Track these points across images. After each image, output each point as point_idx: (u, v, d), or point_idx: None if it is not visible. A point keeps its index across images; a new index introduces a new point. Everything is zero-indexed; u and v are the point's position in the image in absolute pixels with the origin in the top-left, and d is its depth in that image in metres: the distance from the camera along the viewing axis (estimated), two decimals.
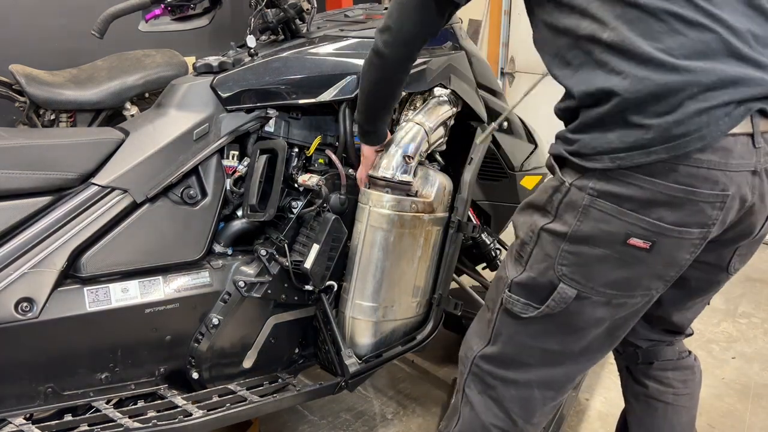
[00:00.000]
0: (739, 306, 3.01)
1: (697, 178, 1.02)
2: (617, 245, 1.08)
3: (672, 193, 1.03)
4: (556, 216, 1.13)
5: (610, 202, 1.06)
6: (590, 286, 1.13)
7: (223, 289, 1.67)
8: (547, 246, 1.15)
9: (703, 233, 1.07)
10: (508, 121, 2.11)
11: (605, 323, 1.18)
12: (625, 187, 1.05)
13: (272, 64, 1.73)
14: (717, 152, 1.02)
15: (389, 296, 1.72)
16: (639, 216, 1.05)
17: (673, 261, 1.10)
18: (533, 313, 1.18)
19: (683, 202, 1.03)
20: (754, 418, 2.18)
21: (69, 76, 2.22)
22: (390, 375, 2.40)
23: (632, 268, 1.10)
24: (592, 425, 2.12)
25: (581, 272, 1.12)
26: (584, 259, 1.11)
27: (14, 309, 1.42)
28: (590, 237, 1.09)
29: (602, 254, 1.09)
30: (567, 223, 1.11)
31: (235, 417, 1.60)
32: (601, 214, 1.07)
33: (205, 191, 1.68)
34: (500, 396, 1.29)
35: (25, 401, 1.48)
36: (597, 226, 1.08)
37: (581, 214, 1.09)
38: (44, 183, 1.49)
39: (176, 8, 1.91)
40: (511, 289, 1.21)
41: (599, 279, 1.12)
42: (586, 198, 1.08)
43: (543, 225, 1.15)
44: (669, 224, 1.05)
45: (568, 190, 1.10)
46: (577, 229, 1.10)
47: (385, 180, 1.65)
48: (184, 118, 1.66)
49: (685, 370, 1.50)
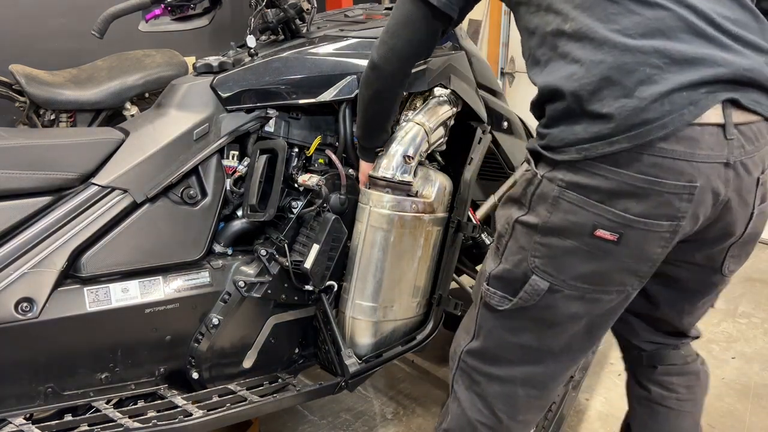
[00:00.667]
0: (739, 306, 3.01)
1: (662, 168, 1.01)
2: (585, 237, 1.08)
3: (636, 184, 1.02)
4: (530, 208, 1.14)
5: (577, 193, 1.06)
6: (561, 278, 1.13)
7: (223, 289, 1.67)
8: (521, 238, 1.16)
9: (673, 226, 1.06)
10: (508, 121, 2.11)
11: (582, 320, 1.18)
12: (591, 178, 1.05)
13: (272, 64, 1.73)
14: (682, 142, 1.00)
15: (389, 296, 1.72)
16: (605, 207, 1.05)
17: (643, 254, 1.09)
18: (508, 306, 1.19)
19: (648, 192, 1.02)
20: (754, 418, 2.18)
21: (69, 76, 2.22)
22: (390, 375, 2.40)
23: (601, 261, 1.09)
24: (592, 425, 2.12)
25: (552, 264, 1.13)
26: (555, 251, 1.11)
27: (14, 309, 1.42)
28: (560, 228, 1.10)
29: (571, 246, 1.10)
30: (539, 215, 1.12)
31: (235, 417, 1.60)
32: (569, 206, 1.08)
33: (205, 191, 1.68)
34: (485, 392, 1.29)
35: (25, 401, 1.48)
36: (566, 218, 1.08)
37: (551, 205, 1.10)
38: (44, 183, 1.49)
39: (176, 8, 1.91)
40: (489, 282, 1.22)
41: (570, 271, 1.12)
42: (556, 189, 1.09)
43: (517, 217, 1.16)
44: (635, 215, 1.04)
45: (540, 182, 1.11)
46: (548, 220, 1.10)
47: (386, 180, 1.65)
48: (184, 118, 1.66)
49: (690, 375, 1.48)
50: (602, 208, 1.05)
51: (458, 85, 1.84)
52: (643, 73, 1.00)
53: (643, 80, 1.00)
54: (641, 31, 1.02)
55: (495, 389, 1.28)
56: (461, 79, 1.87)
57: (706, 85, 1.01)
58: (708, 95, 1.01)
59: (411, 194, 1.68)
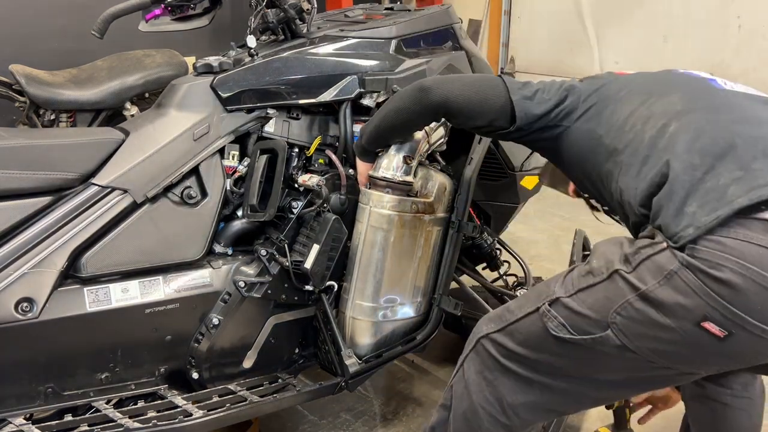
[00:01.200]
0: None
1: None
2: (688, 323, 1.03)
3: (764, 284, 0.97)
4: (635, 268, 1.09)
5: (697, 277, 1.01)
6: (637, 345, 1.09)
7: (223, 289, 1.67)
8: (614, 290, 1.11)
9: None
10: None
11: (628, 373, 1.17)
12: (713, 268, 1.00)
13: (272, 64, 1.73)
14: None
15: (389, 296, 1.72)
16: (723, 302, 0.99)
17: (743, 357, 1.06)
18: (564, 336, 1.17)
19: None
20: None
21: (69, 76, 2.22)
22: (390, 375, 2.40)
23: (692, 349, 1.06)
24: (592, 425, 2.12)
25: (635, 330, 1.09)
26: (646, 320, 1.07)
27: (14, 309, 1.42)
28: (663, 303, 1.04)
29: (667, 325, 1.05)
30: (644, 281, 1.07)
31: (235, 417, 1.60)
32: (683, 286, 1.02)
33: (205, 191, 1.68)
34: (497, 381, 1.29)
35: (25, 401, 1.48)
36: (674, 296, 1.03)
37: (664, 278, 1.04)
38: (44, 183, 1.49)
39: (176, 8, 1.91)
40: (553, 305, 1.20)
41: (650, 345, 1.09)
42: (676, 264, 1.03)
43: (619, 269, 1.11)
44: (755, 319, 0.98)
45: (663, 249, 1.06)
46: (653, 290, 1.05)
47: (386, 180, 1.65)
48: (184, 118, 1.66)
49: (745, 374, 1.46)
50: (719, 302, 0.99)
51: None
52: (755, 150, 1.04)
53: (756, 157, 1.04)
54: (747, 122, 1.10)
55: (508, 382, 1.28)
56: None
57: None
58: None
59: (411, 194, 1.68)
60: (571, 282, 1.20)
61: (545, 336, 1.21)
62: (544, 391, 1.26)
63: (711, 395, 1.47)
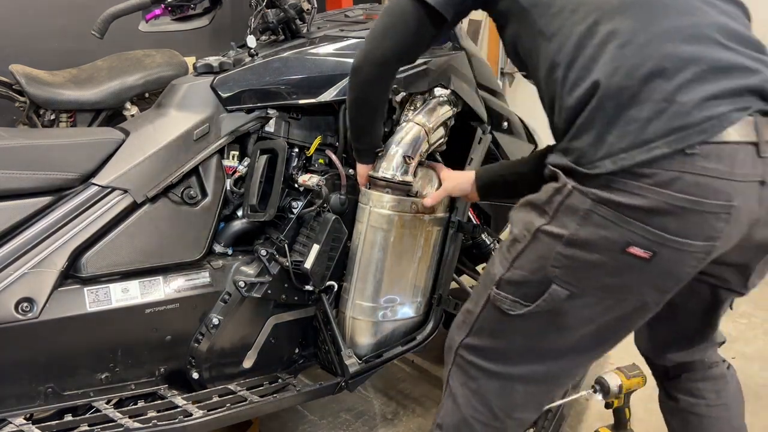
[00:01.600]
0: (739, 306, 3.01)
1: (703, 187, 1.00)
2: (615, 252, 1.06)
3: (677, 203, 1.01)
4: (553, 218, 1.12)
5: (612, 209, 1.04)
6: (582, 287, 1.12)
7: (223, 289, 1.67)
8: (542, 247, 1.13)
9: (707, 247, 1.04)
10: (508, 121, 2.11)
11: (593, 324, 1.17)
12: (629, 197, 1.03)
13: (272, 65, 1.73)
14: (722, 161, 1.00)
15: (389, 296, 1.72)
16: (641, 225, 1.03)
17: (672, 272, 1.08)
18: (521, 311, 1.18)
19: (688, 212, 1.01)
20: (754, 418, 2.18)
21: (69, 76, 2.22)
22: (390, 375, 2.40)
23: (628, 275, 1.09)
24: (592, 425, 2.12)
25: (575, 275, 1.11)
26: (579, 262, 1.10)
27: (14, 309, 1.42)
28: (588, 242, 1.08)
29: (598, 260, 1.08)
30: (565, 226, 1.10)
31: (235, 417, 1.60)
32: (602, 220, 1.05)
33: (206, 191, 1.68)
34: (481, 388, 1.29)
35: (25, 401, 1.48)
36: (596, 232, 1.06)
37: (581, 218, 1.07)
38: (44, 183, 1.49)
39: (176, 8, 1.91)
40: (499, 286, 1.21)
41: (592, 282, 1.11)
42: (588, 203, 1.06)
43: (539, 225, 1.13)
44: (672, 234, 1.02)
45: (570, 192, 1.09)
46: (575, 233, 1.08)
47: (386, 180, 1.65)
48: (184, 118, 1.66)
49: (717, 379, 1.45)
50: (638, 226, 1.03)
51: (458, 85, 1.84)
52: (683, 78, 1.01)
53: (682, 86, 1.01)
54: (680, 36, 1.03)
55: (493, 385, 1.28)
56: (461, 79, 1.87)
57: (738, 95, 1.02)
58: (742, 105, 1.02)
59: (411, 194, 1.68)
60: (503, 257, 1.21)
61: (506, 320, 1.21)
62: (527, 383, 1.26)
63: (686, 408, 1.46)
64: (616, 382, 1.84)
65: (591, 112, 1.05)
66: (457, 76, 1.85)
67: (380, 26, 1.33)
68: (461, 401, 1.31)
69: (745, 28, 1.12)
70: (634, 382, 1.86)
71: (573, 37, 1.10)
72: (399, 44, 1.32)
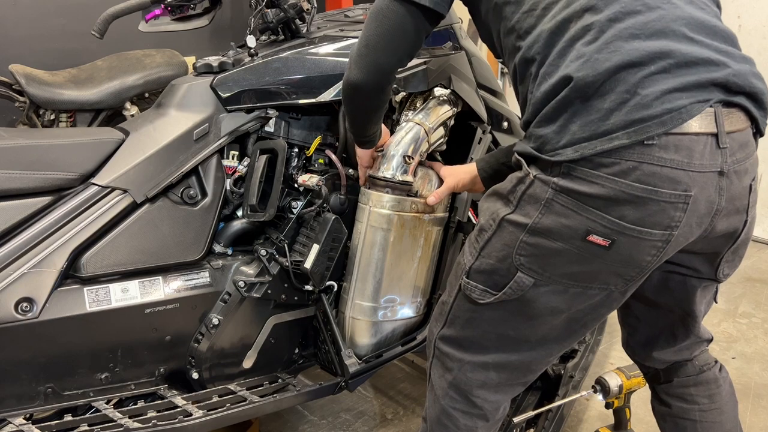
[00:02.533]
0: (739, 306, 3.01)
1: (660, 177, 1.02)
2: (576, 241, 1.09)
3: (634, 192, 1.03)
4: (517, 207, 1.14)
5: (572, 197, 1.07)
6: (547, 275, 1.14)
7: (223, 289, 1.67)
8: (507, 235, 1.16)
9: (666, 235, 1.06)
10: (508, 121, 2.11)
11: (563, 314, 1.19)
12: (587, 185, 1.05)
13: (272, 64, 1.72)
14: (680, 151, 1.02)
15: (389, 296, 1.72)
16: (600, 213, 1.05)
17: (632, 260, 1.09)
18: (490, 299, 1.20)
19: (645, 201, 1.03)
20: (754, 418, 2.18)
21: (69, 76, 2.22)
22: (390, 375, 2.40)
23: (590, 263, 1.11)
24: (592, 425, 2.12)
25: (539, 263, 1.13)
26: (542, 250, 1.12)
27: (14, 309, 1.42)
28: (550, 230, 1.10)
29: (561, 248, 1.10)
30: (528, 214, 1.12)
31: (235, 417, 1.60)
32: (562, 209, 1.08)
33: (205, 191, 1.68)
34: (457, 378, 1.31)
35: (25, 401, 1.48)
36: (558, 220, 1.09)
37: (543, 207, 1.10)
38: (44, 183, 1.49)
39: (176, 8, 1.91)
40: (468, 276, 1.23)
41: (556, 270, 1.13)
42: (549, 192, 1.08)
43: (504, 215, 1.16)
44: (629, 223, 1.05)
45: (532, 182, 1.11)
46: (538, 221, 1.11)
47: (385, 180, 1.65)
48: (184, 118, 1.66)
49: (709, 384, 1.45)
50: (597, 214, 1.06)
51: (458, 85, 1.84)
52: (647, 71, 1.02)
53: (645, 79, 1.02)
54: (647, 31, 1.04)
55: (468, 375, 1.30)
56: (461, 79, 1.87)
57: (702, 88, 1.03)
58: (704, 97, 1.03)
59: (411, 194, 1.68)
60: (472, 247, 1.23)
61: (476, 309, 1.23)
62: (502, 370, 1.29)
63: (679, 414, 1.46)
64: (616, 382, 1.84)
65: (557, 102, 1.07)
66: (457, 76, 1.85)
67: (375, 35, 1.27)
68: (439, 393, 1.34)
69: (714, 17, 1.13)
70: (634, 382, 1.85)
71: (544, 34, 1.12)
72: (401, 51, 1.29)
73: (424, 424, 1.42)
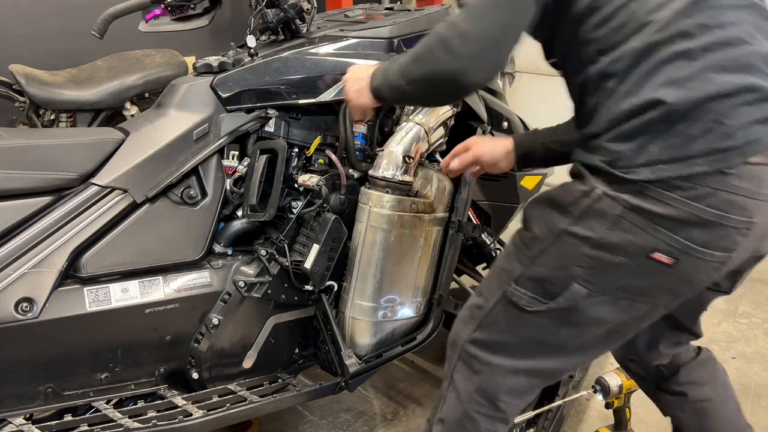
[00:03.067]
0: (739, 306, 3.00)
1: (732, 204, 1.05)
2: (640, 257, 1.10)
3: (706, 217, 1.05)
4: (579, 220, 1.14)
5: (643, 216, 1.08)
6: (602, 287, 1.15)
7: (223, 289, 1.67)
8: (566, 247, 1.15)
9: (724, 258, 1.09)
10: (509, 121, 2.11)
11: (606, 325, 1.20)
12: (660, 206, 1.07)
13: (272, 64, 1.72)
14: (753, 181, 1.05)
15: (389, 296, 1.72)
16: (668, 233, 1.07)
17: (690, 280, 1.13)
18: (540, 308, 1.20)
19: (714, 225, 1.06)
20: (754, 418, 2.18)
21: (69, 76, 2.22)
22: (390, 375, 2.40)
23: (647, 278, 1.13)
24: (592, 425, 2.12)
25: (596, 275, 1.14)
26: (603, 264, 1.13)
27: (14, 309, 1.42)
28: (616, 246, 1.11)
29: (622, 262, 1.11)
30: (592, 228, 1.12)
31: (235, 417, 1.60)
32: (631, 226, 1.09)
33: (205, 191, 1.68)
34: (485, 382, 1.30)
35: (25, 401, 1.48)
36: (625, 237, 1.10)
37: (611, 223, 1.10)
38: (44, 183, 1.49)
39: (176, 8, 1.91)
40: (518, 283, 1.22)
41: (612, 283, 1.15)
42: (619, 209, 1.09)
43: (564, 227, 1.15)
44: (697, 245, 1.07)
45: (600, 198, 1.11)
46: (604, 236, 1.11)
47: (386, 180, 1.65)
48: (184, 118, 1.66)
49: (708, 362, 1.53)
50: (665, 234, 1.07)
51: None
52: (734, 102, 1.05)
53: (731, 109, 1.05)
54: (736, 65, 1.07)
55: (497, 380, 1.30)
56: None
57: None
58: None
59: (411, 194, 1.68)
60: (521, 254, 1.23)
61: (521, 316, 1.23)
62: (532, 376, 1.29)
63: (696, 397, 1.50)
64: (616, 382, 1.84)
65: (641, 122, 1.08)
66: None
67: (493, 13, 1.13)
68: (464, 396, 1.33)
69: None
70: (634, 382, 1.86)
71: (631, 53, 1.12)
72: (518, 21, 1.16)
73: (438, 426, 1.38)
